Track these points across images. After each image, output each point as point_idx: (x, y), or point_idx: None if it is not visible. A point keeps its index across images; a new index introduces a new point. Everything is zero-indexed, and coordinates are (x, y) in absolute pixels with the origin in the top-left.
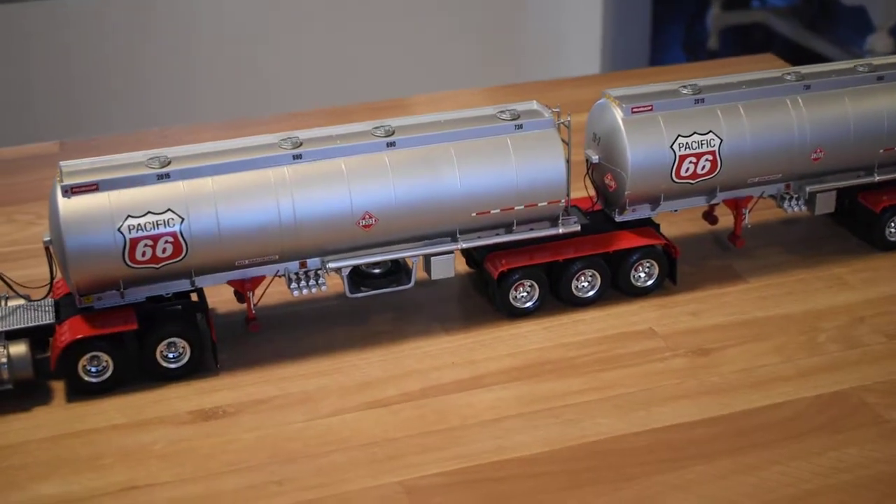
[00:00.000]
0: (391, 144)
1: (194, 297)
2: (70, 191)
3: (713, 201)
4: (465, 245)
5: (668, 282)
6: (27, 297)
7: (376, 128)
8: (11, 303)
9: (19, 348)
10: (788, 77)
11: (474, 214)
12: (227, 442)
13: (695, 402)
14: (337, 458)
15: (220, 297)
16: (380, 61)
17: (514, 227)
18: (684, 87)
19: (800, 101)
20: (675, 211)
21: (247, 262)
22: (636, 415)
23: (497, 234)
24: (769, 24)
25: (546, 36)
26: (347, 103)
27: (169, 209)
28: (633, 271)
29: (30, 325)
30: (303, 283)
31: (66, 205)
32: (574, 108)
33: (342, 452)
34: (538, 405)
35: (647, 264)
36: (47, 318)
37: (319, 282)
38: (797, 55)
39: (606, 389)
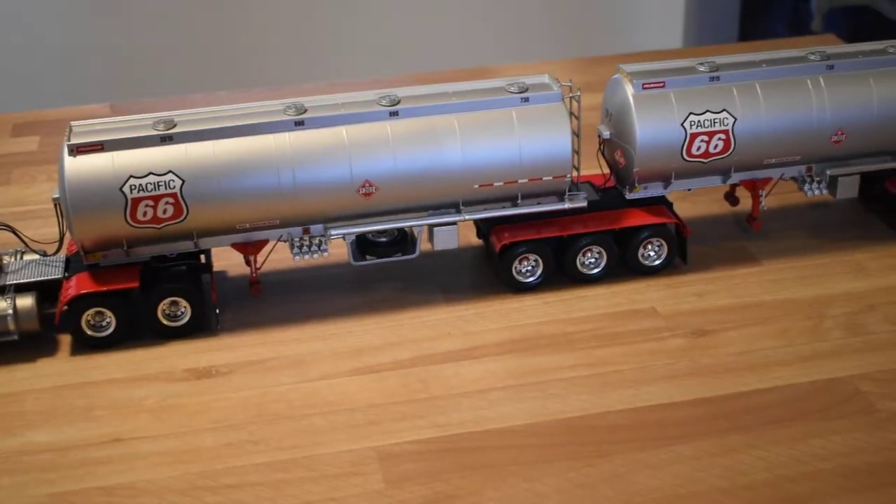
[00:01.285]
0: (394, 114)
1: (202, 259)
2: (76, 150)
3: (729, 181)
4: (468, 217)
5: (679, 261)
6: (42, 253)
7: (382, 97)
8: (27, 257)
9: (25, 301)
10: (812, 57)
11: (477, 186)
12: (215, 400)
13: (684, 382)
14: (317, 421)
15: (229, 260)
16: (456, 31)
17: (520, 201)
18: (701, 64)
19: (821, 81)
20: (689, 190)
21: (248, 225)
22: (623, 392)
23: (503, 208)
24: (879, 8)
25: (625, 6)
26: (420, 72)
27: (170, 171)
28: (641, 249)
29: (38, 279)
30: (305, 248)
31: (71, 163)
32: None
33: (323, 416)
34: (526, 379)
35: (657, 243)
36: (56, 273)
37: (322, 248)
38: None
39: (597, 366)
